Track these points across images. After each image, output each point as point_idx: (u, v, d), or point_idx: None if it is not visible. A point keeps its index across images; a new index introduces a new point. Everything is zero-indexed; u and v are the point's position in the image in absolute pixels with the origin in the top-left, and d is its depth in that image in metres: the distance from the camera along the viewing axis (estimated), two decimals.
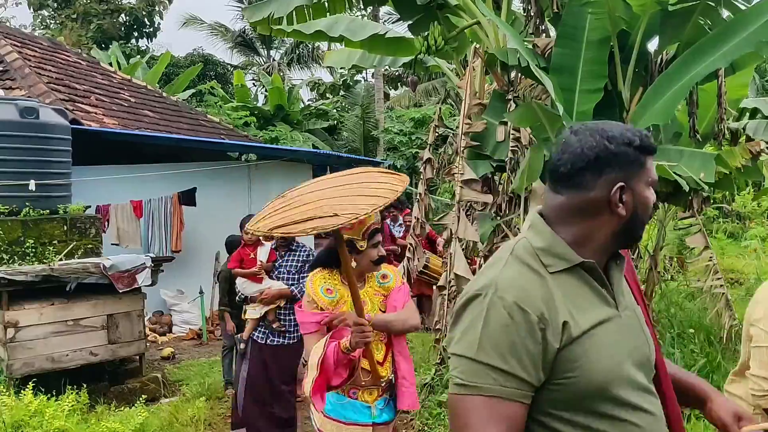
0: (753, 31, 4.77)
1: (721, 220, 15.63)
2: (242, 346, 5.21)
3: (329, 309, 3.14)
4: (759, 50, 4.99)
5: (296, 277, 5.08)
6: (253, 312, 5.11)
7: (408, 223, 8.57)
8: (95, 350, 6.31)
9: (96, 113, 10.33)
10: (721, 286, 5.52)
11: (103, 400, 5.99)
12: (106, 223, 9.21)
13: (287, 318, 5.09)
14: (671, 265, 9.56)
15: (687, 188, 4.36)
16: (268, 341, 5.06)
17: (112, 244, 9.11)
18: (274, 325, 5.06)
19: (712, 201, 7.40)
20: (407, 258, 6.86)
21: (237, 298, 5.60)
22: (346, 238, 3.05)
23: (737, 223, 17.37)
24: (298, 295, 4.96)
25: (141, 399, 5.53)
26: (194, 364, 7.86)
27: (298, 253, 5.15)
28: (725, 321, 5.51)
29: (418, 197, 6.70)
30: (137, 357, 6.86)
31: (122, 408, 5.61)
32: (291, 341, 5.08)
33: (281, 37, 7.82)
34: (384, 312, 3.29)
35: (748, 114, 6.86)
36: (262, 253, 5.32)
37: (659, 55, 5.67)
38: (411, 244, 6.69)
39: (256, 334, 5.12)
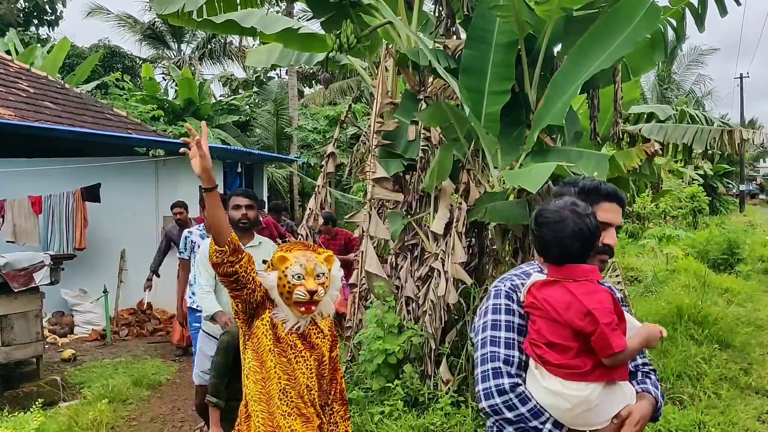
0: (630, 32, 5.02)
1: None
2: None
3: None
4: (638, 50, 5.29)
5: None
6: None
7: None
8: None
9: None
10: (619, 282, 5.76)
11: None
12: (1, 219, 8.80)
13: None
14: None
15: None
16: None
17: (7, 242, 8.71)
18: None
19: None
20: None
21: None
22: None
23: (637, 224, 18.24)
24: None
25: (37, 403, 5.27)
26: (97, 365, 7.55)
27: None
28: None
29: (316, 189, 6.70)
30: (34, 359, 6.53)
31: (16, 413, 5.34)
32: None
33: (192, 28, 7.63)
34: None
35: (645, 117, 7.21)
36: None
37: (562, 59, 5.87)
38: (301, 236, 6.60)
39: None
